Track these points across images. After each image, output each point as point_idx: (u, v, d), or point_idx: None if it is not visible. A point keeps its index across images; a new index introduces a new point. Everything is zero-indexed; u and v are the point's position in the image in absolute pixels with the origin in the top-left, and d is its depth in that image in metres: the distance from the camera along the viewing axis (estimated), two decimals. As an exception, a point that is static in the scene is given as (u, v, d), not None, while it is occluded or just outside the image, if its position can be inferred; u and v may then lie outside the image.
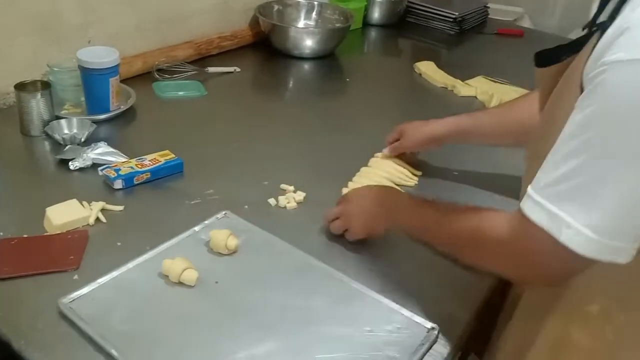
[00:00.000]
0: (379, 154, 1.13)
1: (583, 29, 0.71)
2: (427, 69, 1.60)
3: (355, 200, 0.91)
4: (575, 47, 0.67)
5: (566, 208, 0.57)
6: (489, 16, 2.21)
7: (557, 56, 0.71)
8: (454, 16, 1.99)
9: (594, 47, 0.59)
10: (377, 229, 0.89)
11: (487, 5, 2.18)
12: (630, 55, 0.53)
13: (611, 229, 0.56)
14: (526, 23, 2.58)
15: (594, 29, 0.64)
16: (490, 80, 1.56)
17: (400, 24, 2.05)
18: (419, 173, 1.10)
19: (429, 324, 0.75)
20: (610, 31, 0.57)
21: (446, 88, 1.53)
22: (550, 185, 0.59)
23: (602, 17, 0.65)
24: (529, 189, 0.62)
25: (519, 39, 2.04)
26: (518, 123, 0.99)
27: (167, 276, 0.78)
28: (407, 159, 1.13)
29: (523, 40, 2.03)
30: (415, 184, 1.08)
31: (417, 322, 0.75)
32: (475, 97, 1.48)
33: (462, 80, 1.55)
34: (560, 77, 0.71)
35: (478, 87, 1.50)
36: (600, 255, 0.57)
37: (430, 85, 1.56)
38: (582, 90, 0.60)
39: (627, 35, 0.54)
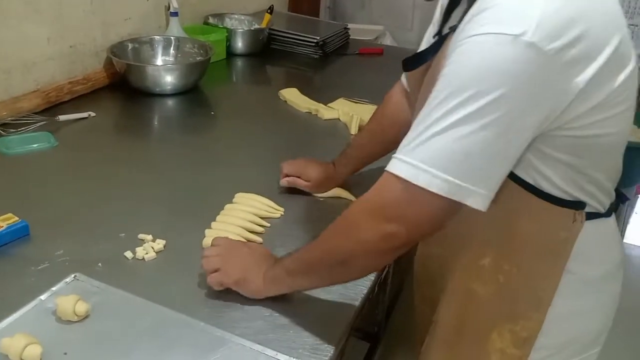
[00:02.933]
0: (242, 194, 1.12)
1: (434, 36, 0.87)
2: (291, 95, 1.63)
3: (238, 246, 0.89)
4: (434, 49, 0.80)
5: (420, 157, 0.65)
6: (351, 37, 2.30)
7: (421, 59, 0.82)
8: (315, 40, 2.05)
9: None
10: (252, 280, 0.83)
11: (347, 27, 2.27)
12: (465, 35, 0.65)
13: (461, 171, 0.64)
14: (388, 40, 2.72)
15: (447, 32, 0.75)
16: (351, 101, 1.62)
17: (265, 51, 2.07)
18: (282, 209, 1.10)
19: (293, 361, 0.75)
20: (459, 26, 0.68)
21: (310, 113, 1.56)
22: (408, 144, 0.67)
23: (451, 23, 0.78)
24: (396, 154, 0.69)
25: (379, 57, 2.14)
26: (390, 127, 1.07)
27: (7, 356, 0.71)
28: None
29: (383, 58, 2.13)
30: (282, 215, 1.08)
31: (281, 361, 0.75)
32: (338, 119, 1.53)
33: (325, 104, 1.59)
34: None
35: (340, 109, 1.55)
36: (453, 195, 0.65)
37: (296, 111, 1.58)
38: None
39: (477, 17, 0.65)
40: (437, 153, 0.65)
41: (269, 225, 1.04)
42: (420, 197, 0.66)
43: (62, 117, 1.38)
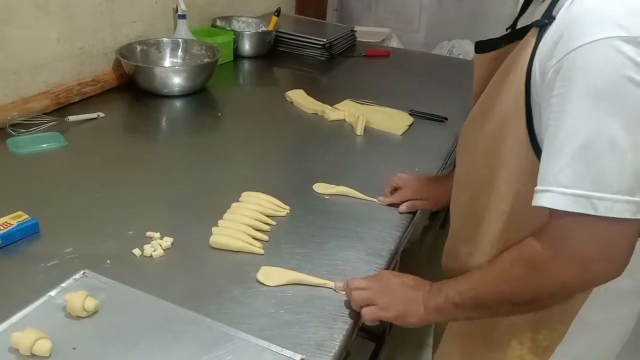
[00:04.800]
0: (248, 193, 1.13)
1: (507, 29, 0.84)
2: (297, 97, 1.64)
3: (389, 277, 0.85)
4: (512, 37, 0.76)
5: (589, 185, 0.61)
6: (358, 39, 2.31)
7: (496, 44, 0.78)
8: (322, 42, 2.06)
9: (537, 40, 0.68)
10: (413, 312, 0.80)
11: (354, 30, 2.28)
12: (583, 41, 0.61)
13: (637, 187, 0.61)
14: (394, 42, 2.73)
15: (529, 25, 0.72)
16: (357, 102, 1.63)
17: (272, 53, 2.08)
18: (288, 207, 1.11)
19: (298, 356, 0.76)
20: (554, 26, 0.65)
21: (317, 114, 1.57)
22: (563, 172, 0.63)
23: (528, 18, 0.75)
24: (543, 186, 0.64)
25: (386, 59, 2.15)
26: None
27: (17, 350, 0.73)
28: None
29: (389, 60, 2.14)
30: (288, 213, 1.09)
31: (286, 356, 0.75)
32: (344, 120, 1.53)
33: (332, 105, 1.60)
34: (499, 63, 0.78)
35: (346, 110, 1.55)
36: (636, 214, 0.61)
37: (302, 112, 1.59)
38: (527, 76, 0.68)
39: (574, 27, 0.62)
40: (602, 176, 0.61)
41: (275, 223, 1.05)
42: (605, 227, 0.62)
43: (71, 118, 1.39)
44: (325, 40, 2.06)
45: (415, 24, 2.99)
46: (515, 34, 0.76)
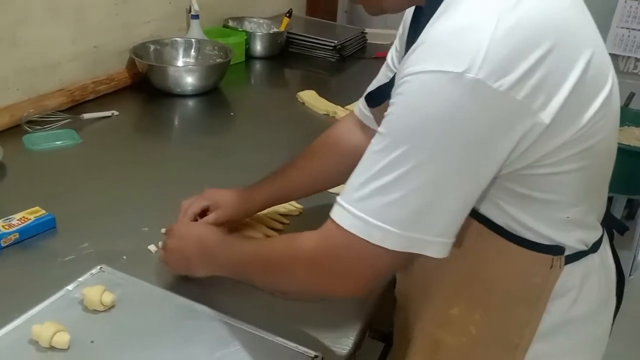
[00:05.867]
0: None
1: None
2: (309, 97, 1.65)
3: (178, 237, 0.86)
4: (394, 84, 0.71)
5: (370, 211, 0.60)
6: (368, 41, 2.32)
7: (383, 96, 0.73)
8: (333, 44, 2.07)
9: None
10: (193, 270, 0.85)
11: (365, 31, 2.29)
12: (413, 70, 0.56)
13: (415, 225, 0.59)
14: (404, 44, 2.73)
15: None
16: (368, 103, 1.63)
17: (284, 54, 2.09)
18: (301, 206, 1.12)
19: (313, 353, 0.76)
20: (410, 50, 0.59)
21: (328, 115, 1.58)
22: (354, 191, 0.62)
23: None
24: (343, 200, 0.63)
25: (396, 61, 2.15)
26: (322, 170, 1.03)
27: (37, 342, 0.74)
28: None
29: (400, 62, 2.14)
30: (300, 213, 1.10)
31: (301, 353, 0.76)
32: (356, 120, 1.54)
33: (343, 106, 1.60)
34: None
35: (357, 111, 1.56)
36: (410, 248, 0.60)
37: (314, 113, 1.60)
38: None
39: (415, 53, 0.58)
40: (388, 207, 0.59)
41: (288, 222, 1.06)
42: (372, 253, 0.60)
43: (86, 116, 1.41)
44: (336, 41, 2.07)
45: (425, 27, 2.99)
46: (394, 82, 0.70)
